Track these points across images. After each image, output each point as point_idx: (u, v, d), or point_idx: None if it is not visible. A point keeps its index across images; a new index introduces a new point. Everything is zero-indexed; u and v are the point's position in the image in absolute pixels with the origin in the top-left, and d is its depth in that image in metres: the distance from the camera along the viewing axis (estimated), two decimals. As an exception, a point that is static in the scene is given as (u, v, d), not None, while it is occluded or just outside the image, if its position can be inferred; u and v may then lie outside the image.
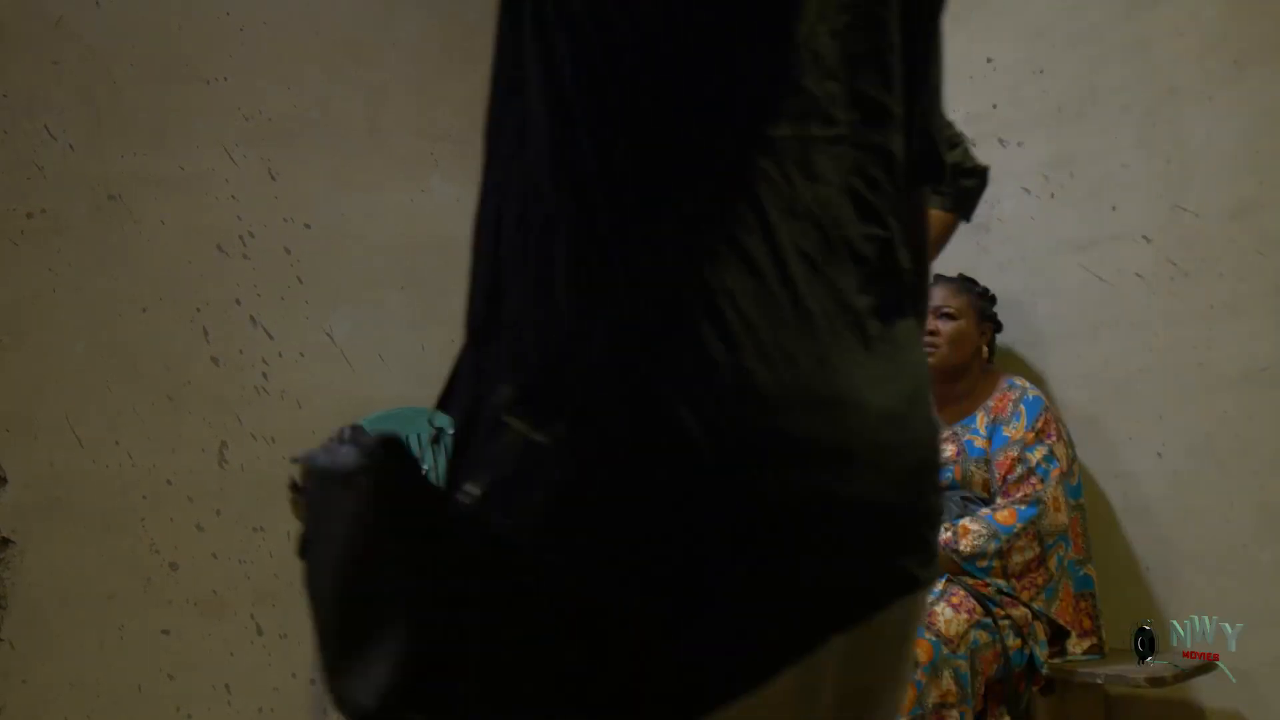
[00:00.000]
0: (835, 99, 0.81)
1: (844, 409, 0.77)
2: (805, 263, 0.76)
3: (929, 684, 2.39)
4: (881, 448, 0.80)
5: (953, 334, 2.88)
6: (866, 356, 0.79)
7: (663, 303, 0.73)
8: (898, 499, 0.83)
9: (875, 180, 0.83)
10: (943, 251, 3.03)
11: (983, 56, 3.18)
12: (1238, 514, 2.68)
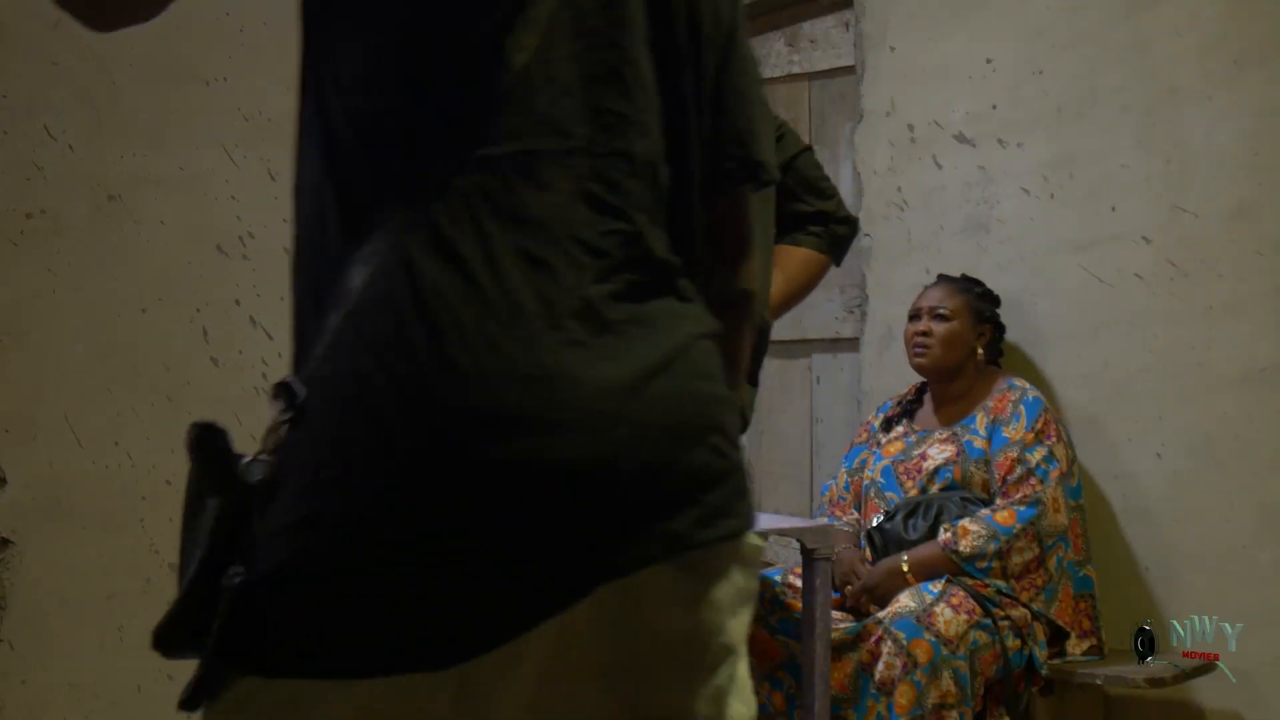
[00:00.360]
0: (571, 114, 0.93)
1: (552, 384, 0.86)
2: (526, 261, 0.87)
3: (929, 684, 2.39)
4: (600, 415, 0.87)
5: (945, 334, 2.88)
6: (597, 338, 0.88)
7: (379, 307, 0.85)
8: (632, 463, 0.88)
9: (615, 182, 0.93)
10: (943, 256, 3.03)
11: (982, 57, 3.18)
12: (1237, 514, 2.68)
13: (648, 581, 0.89)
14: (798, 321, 3.81)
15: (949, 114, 3.26)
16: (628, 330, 0.92)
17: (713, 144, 1.05)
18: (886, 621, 2.47)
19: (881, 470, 2.88)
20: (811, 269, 2.09)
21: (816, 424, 3.81)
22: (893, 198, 3.42)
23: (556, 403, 0.86)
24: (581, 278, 0.90)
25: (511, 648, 0.85)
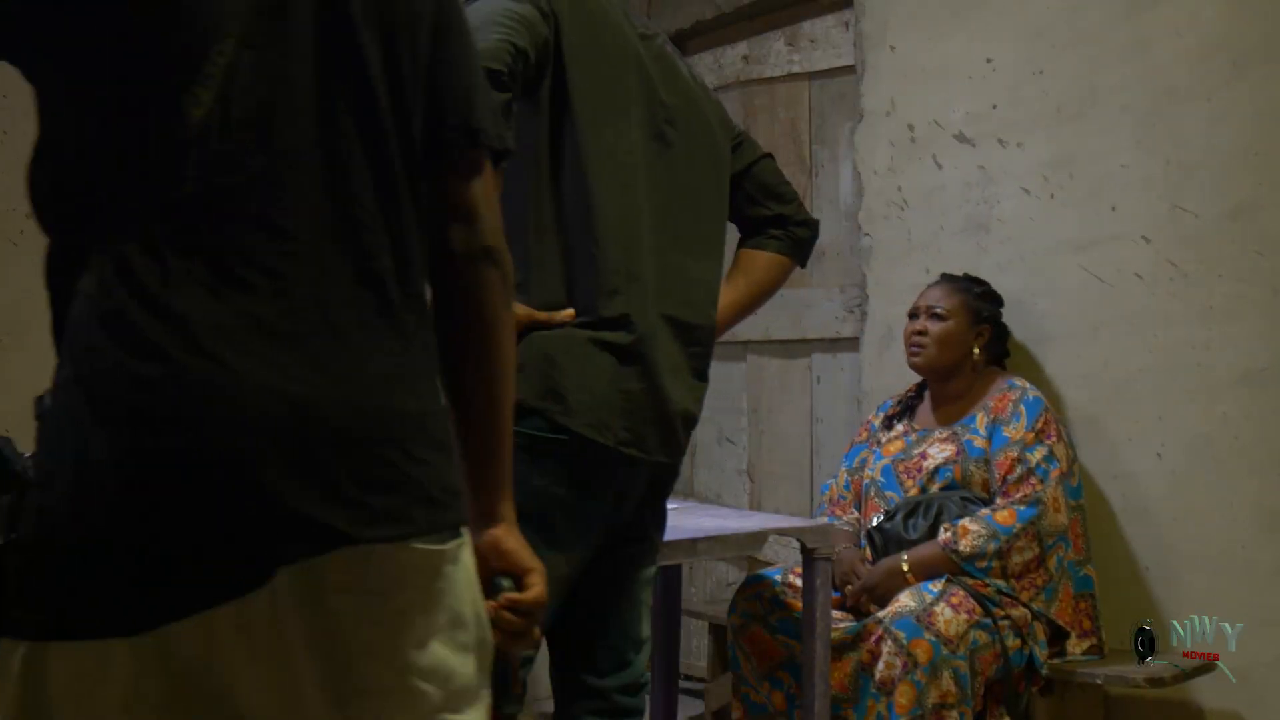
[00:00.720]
0: (248, 151, 1.04)
1: (218, 390, 0.98)
2: (198, 284, 1.00)
3: (929, 684, 2.39)
4: (267, 421, 0.99)
5: (939, 334, 2.88)
6: (268, 350, 1.01)
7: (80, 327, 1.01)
8: (300, 465, 1.00)
9: (289, 208, 1.05)
10: (943, 256, 3.03)
11: (982, 57, 3.18)
12: (1237, 514, 2.68)
13: (324, 570, 1.02)
14: (798, 321, 3.82)
15: (949, 114, 3.27)
16: (305, 343, 1.03)
17: (434, 118, 1.16)
18: (886, 621, 2.47)
19: (881, 469, 2.89)
20: (773, 271, 2.10)
21: (817, 424, 3.81)
22: (893, 197, 3.42)
23: (224, 407, 0.99)
24: (254, 297, 1.02)
25: (208, 626, 0.99)
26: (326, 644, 1.03)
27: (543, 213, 1.75)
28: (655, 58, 1.89)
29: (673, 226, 1.85)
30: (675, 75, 1.93)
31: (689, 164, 1.90)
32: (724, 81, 4.11)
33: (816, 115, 3.82)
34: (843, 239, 3.73)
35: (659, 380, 1.76)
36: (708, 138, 1.95)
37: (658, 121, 1.85)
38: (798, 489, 3.87)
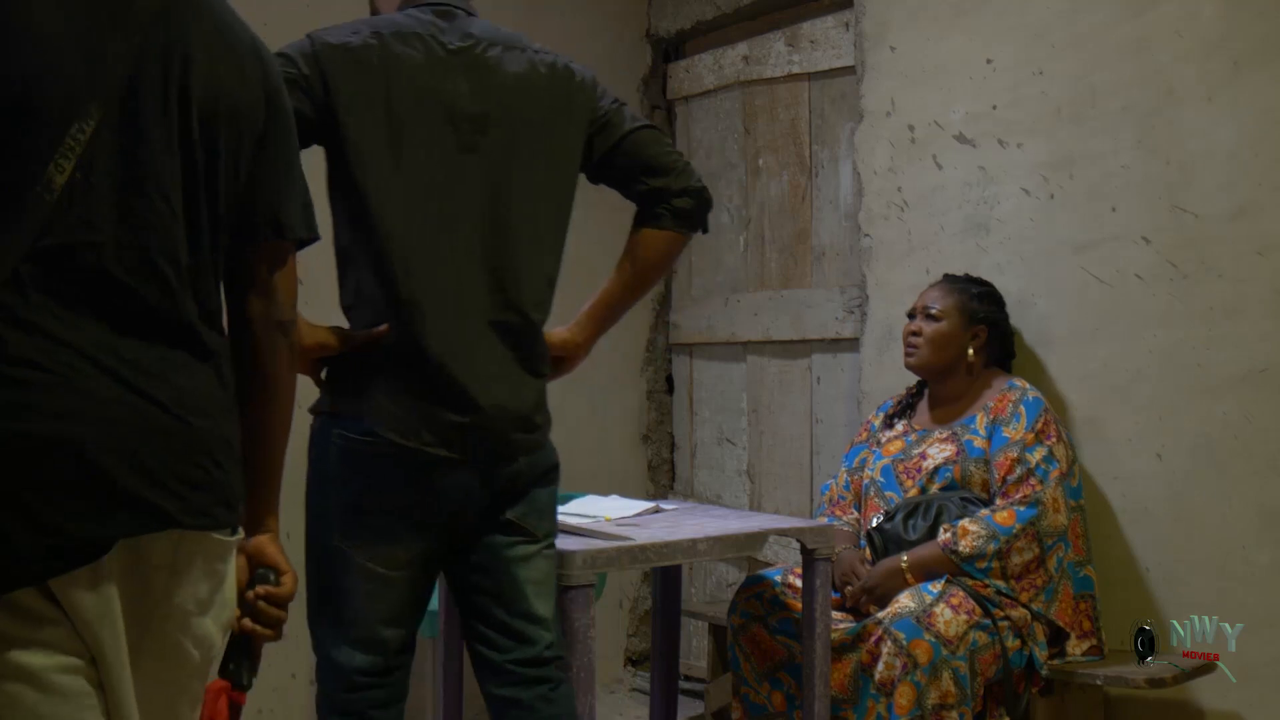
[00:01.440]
0: (104, 216, 1.29)
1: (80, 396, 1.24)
2: (60, 321, 1.25)
3: (928, 685, 2.39)
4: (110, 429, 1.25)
5: (932, 335, 2.89)
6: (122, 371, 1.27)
7: None
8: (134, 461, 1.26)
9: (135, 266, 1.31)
10: (943, 257, 3.02)
11: (982, 57, 3.18)
12: (1237, 515, 2.68)
13: (148, 547, 1.29)
14: (798, 321, 3.82)
15: (949, 114, 3.26)
16: (144, 372, 1.30)
17: (248, 207, 1.44)
18: (886, 622, 2.47)
19: (881, 469, 2.88)
20: (659, 249, 2.17)
21: (816, 424, 3.81)
22: (893, 198, 3.42)
23: (80, 411, 1.24)
24: (103, 332, 1.28)
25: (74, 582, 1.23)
26: (138, 609, 1.30)
27: (354, 247, 1.98)
28: (469, 68, 2.02)
29: (497, 230, 2.01)
30: (492, 80, 2.03)
31: (513, 164, 2.03)
32: (724, 82, 4.11)
33: (816, 116, 3.82)
34: (843, 239, 3.73)
35: (464, 385, 1.95)
36: (537, 131, 2.06)
37: (465, 134, 2.00)
38: (798, 489, 3.87)
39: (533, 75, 2.08)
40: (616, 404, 4.28)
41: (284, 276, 1.51)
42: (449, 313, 1.96)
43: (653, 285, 2.27)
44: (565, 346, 2.27)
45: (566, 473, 4.01)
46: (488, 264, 2.00)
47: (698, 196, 2.15)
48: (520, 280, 2.03)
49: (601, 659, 4.03)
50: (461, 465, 1.97)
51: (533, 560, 2.07)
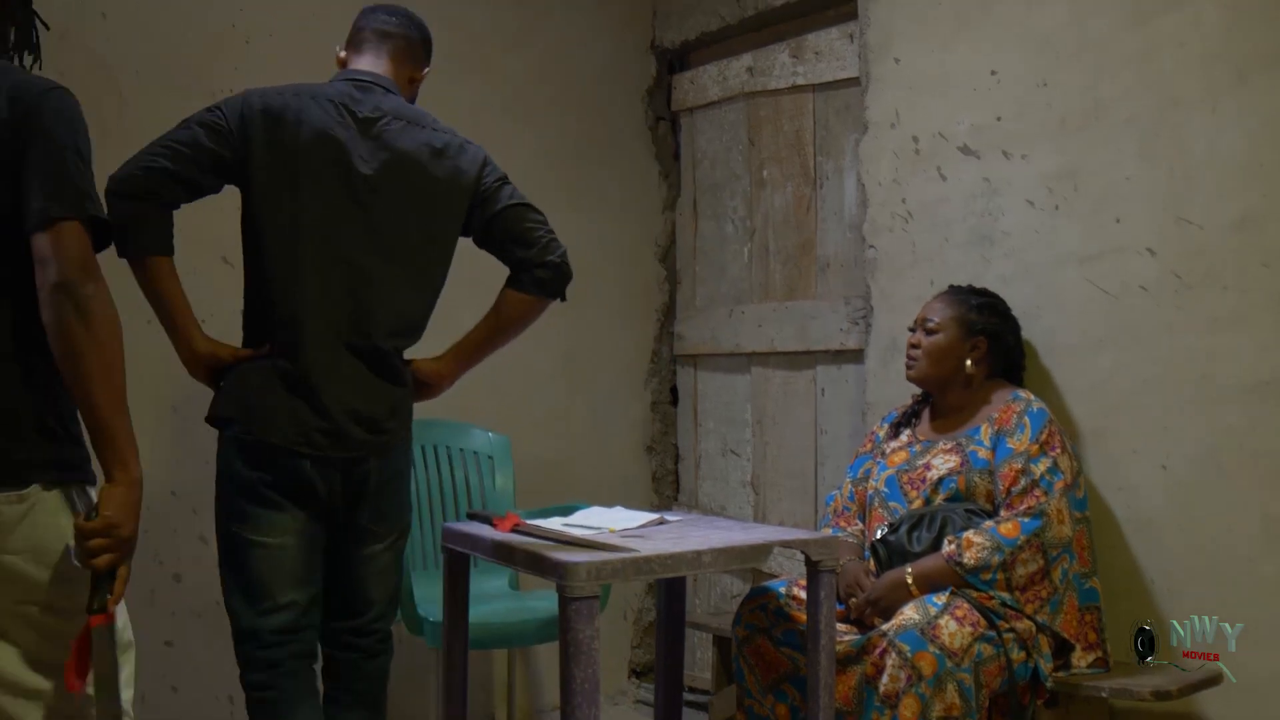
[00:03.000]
0: None
1: None
2: None
3: (933, 697, 2.38)
4: None
5: (929, 348, 2.89)
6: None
7: None
8: None
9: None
10: (948, 268, 3.01)
11: (987, 68, 3.18)
12: (1242, 526, 2.67)
13: None
14: (802, 333, 3.82)
15: (953, 125, 3.27)
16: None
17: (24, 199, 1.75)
18: (891, 634, 2.46)
19: (886, 480, 2.88)
20: (518, 309, 2.58)
21: (821, 435, 3.81)
22: (897, 209, 3.42)
23: None
24: None
25: None
26: None
27: (251, 271, 2.39)
28: (371, 136, 2.42)
29: (364, 275, 2.39)
30: (388, 149, 2.42)
31: (391, 223, 2.42)
32: (729, 93, 4.11)
33: (821, 127, 3.82)
34: (847, 251, 3.73)
35: (321, 393, 2.32)
36: (419, 198, 2.45)
37: (355, 192, 2.38)
38: (802, 500, 3.87)
39: (424, 151, 2.45)
40: (621, 415, 4.28)
41: (58, 245, 1.73)
42: (316, 333, 2.34)
43: (511, 338, 2.64)
44: (430, 376, 2.62)
45: (571, 483, 4.03)
46: (351, 299, 2.38)
47: (555, 270, 2.56)
48: (374, 316, 2.40)
49: (606, 670, 4.03)
50: (322, 461, 2.34)
51: (378, 556, 2.49)
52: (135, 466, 1.80)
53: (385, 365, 2.43)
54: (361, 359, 2.39)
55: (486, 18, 3.94)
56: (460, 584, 2.76)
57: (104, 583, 1.78)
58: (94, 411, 1.75)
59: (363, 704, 2.51)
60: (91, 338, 1.74)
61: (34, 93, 1.79)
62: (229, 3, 3.36)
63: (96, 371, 1.74)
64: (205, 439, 3.17)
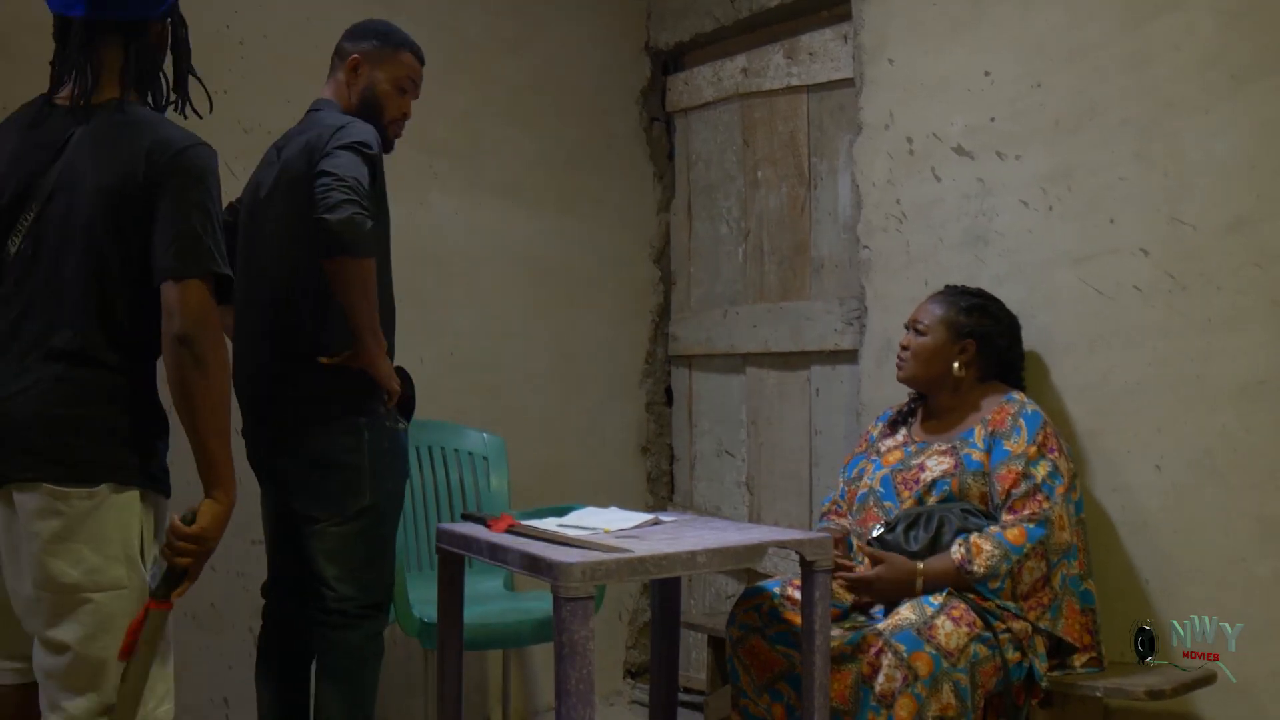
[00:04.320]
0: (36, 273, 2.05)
1: None
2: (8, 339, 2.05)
3: (929, 697, 2.38)
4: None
5: (917, 349, 2.90)
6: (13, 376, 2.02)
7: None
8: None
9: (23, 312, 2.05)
10: (942, 269, 3.01)
11: (981, 69, 3.19)
12: (1236, 527, 2.68)
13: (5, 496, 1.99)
14: (797, 333, 3.82)
15: (948, 126, 3.27)
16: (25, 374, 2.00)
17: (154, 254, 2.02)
18: (887, 633, 2.46)
19: (880, 479, 2.88)
20: (332, 274, 2.50)
21: (816, 436, 3.81)
22: (891, 210, 3.42)
23: None
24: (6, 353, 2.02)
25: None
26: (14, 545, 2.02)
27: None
28: (269, 164, 2.73)
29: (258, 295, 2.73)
30: (271, 172, 2.69)
31: (264, 245, 2.71)
32: (723, 94, 4.12)
33: (815, 128, 3.83)
34: (842, 251, 3.73)
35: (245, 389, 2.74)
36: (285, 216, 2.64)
37: (255, 221, 2.73)
38: (797, 501, 3.87)
39: (300, 156, 2.59)
40: (616, 416, 4.28)
41: (183, 300, 1.98)
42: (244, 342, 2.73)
43: (357, 308, 2.52)
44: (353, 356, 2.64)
45: (566, 484, 4.03)
46: (260, 313, 2.69)
47: (323, 227, 2.43)
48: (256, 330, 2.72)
49: (601, 671, 4.03)
50: (254, 453, 2.76)
51: (321, 535, 2.63)
52: (232, 490, 2.07)
53: (276, 365, 2.68)
54: (260, 368, 2.70)
55: (481, 23, 3.94)
56: (455, 585, 2.76)
57: (175, 577, 2.03)
58: (201, 441, 2.02)
59: (330, 676, 2.65)
60: (206, 383, 2.00)
61: (170, 151, 2.02)
62: (223, 4, 3.36)
63: (205, 409, 2.01)
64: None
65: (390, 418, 2.69)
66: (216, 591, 3.25)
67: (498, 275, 3.94)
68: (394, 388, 2.65)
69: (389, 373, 2.63)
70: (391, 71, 2.81)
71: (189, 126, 2.61)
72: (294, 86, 3.35)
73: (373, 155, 2.56)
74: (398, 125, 2.87)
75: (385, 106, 2.82)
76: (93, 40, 2.08)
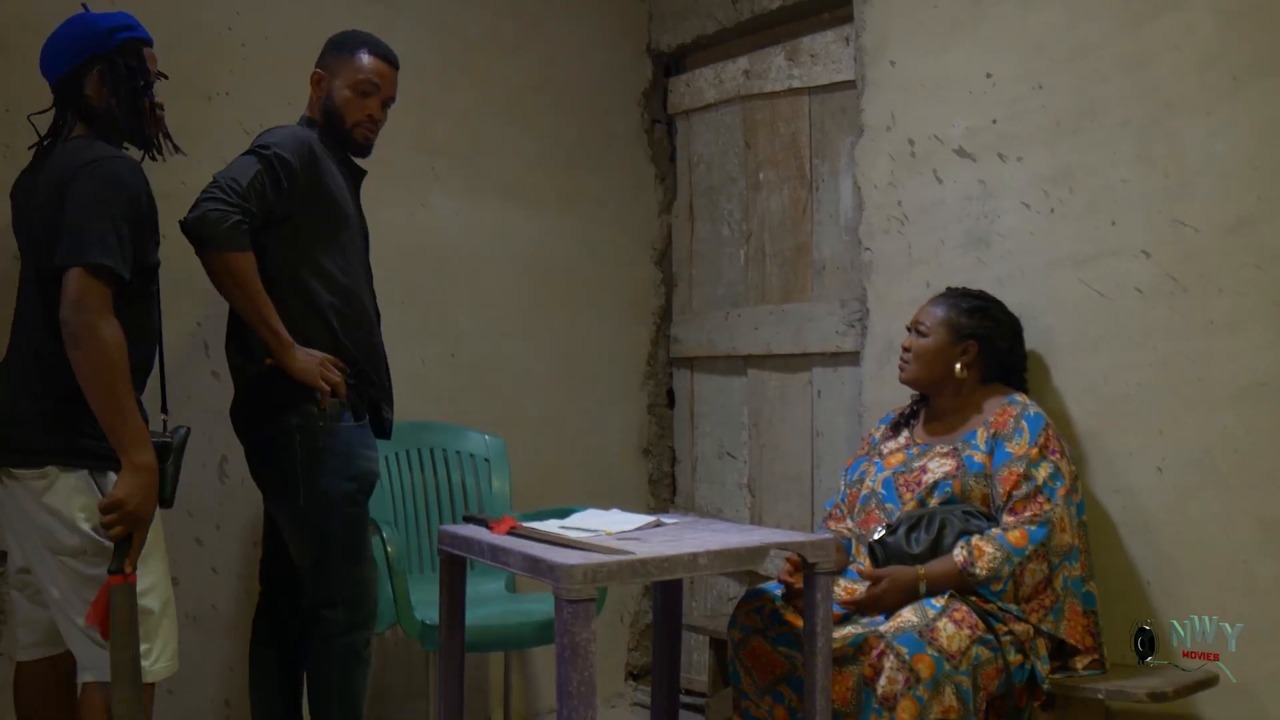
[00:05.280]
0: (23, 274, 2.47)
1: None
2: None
3: (931, 700, 2.38)
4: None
5: (919, 350, 2.89)
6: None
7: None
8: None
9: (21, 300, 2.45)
10: (944, 270, 3.01)
11: (982, 71, 3.19)
12: (1237, 528, 2.68)
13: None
14: (798, 335, 3.82)
15: (949, 128, 3.27)
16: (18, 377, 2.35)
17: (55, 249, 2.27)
18: (889, 636, 2.46)
19: (882, 481, 2.88)
20: (212, 272, 2.65)
21: (817, 437, 3.81)
22: (893, 212, 3.42)
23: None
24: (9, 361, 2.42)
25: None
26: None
27: None
28: None
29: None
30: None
31: None
32: (725, 96, 4.12)
33: (817, 130, 3.83)
34: (843, 253, 3.73)
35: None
36: None
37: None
38: (798, 503, 3.87)
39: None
40: (617, 418, 4.28)
41: (65, 290, 2.22)
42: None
43: (238, 303, 2.67)
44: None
45: (567, 486, 4.03)
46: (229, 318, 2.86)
47: (185, 227, 2.59)
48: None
49: (602, 673, 4.03)
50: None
51: (287, 528, 2.77)
52: (138, 454, 2.25)
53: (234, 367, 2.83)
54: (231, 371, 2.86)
55: (482, 24, 3.94)
56: (457, 587, 2.76)
57: (121, 549, 2.22)
58: (96, 413, 2.24)
59: (311, 677, 2.78)
60: (84, 360, 2.21)
61: (84, 162, 2.29)
62: (224, 6, 3.36)
63: (88, 385, 2.22)
64: (200, 442, 3.17)
65: (327, 416, 2.70)
66: (218, 594, 3.25)
67: (499, 277, 3.94)
68: (317, 383, 2.67)
69: (305, 369, 2.67)
70: (349, 77, 2.86)
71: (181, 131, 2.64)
72: (295, 88, 3.35)
73: (273, 155, 2.66)
74: (363, 128, 2.90)
75: (344, 113, 2.87)
76: (57, 95, 2.45)
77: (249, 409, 2.78)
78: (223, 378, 3.31)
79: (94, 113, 2.43)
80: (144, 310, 2.45)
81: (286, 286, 2.73)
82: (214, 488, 3.27)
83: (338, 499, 2.72)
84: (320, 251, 2.77)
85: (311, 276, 2.75)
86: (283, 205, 2.69)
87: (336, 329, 2.77)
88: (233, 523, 3.31)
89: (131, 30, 2.47)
